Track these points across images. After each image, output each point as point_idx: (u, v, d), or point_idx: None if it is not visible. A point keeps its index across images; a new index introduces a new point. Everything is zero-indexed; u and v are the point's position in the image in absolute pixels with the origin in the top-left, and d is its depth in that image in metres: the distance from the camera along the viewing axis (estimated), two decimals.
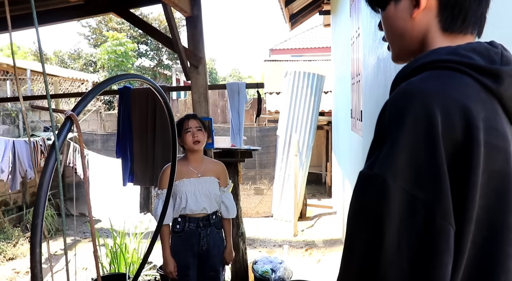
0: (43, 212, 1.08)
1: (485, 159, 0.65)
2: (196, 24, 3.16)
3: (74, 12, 3.24)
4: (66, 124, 1.15)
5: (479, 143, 0.64)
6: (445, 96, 0.67)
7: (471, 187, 0.65)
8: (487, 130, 0.66)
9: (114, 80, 1.32)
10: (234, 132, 3.44)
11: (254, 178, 9.17)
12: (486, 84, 0.70)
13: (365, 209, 0.69)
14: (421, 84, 0.70)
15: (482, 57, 0.72)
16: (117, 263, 4.01)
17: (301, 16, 7.92)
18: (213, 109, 11.01)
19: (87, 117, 8.98)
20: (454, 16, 0.77)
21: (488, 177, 0.66)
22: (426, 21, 0.79)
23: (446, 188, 0.64)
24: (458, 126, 0.65)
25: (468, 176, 0.65)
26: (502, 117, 0.71)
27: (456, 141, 0.65)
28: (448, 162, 0.64)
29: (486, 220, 0.67)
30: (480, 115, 0.66)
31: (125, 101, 3.47)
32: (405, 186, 0.65)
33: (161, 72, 18.57)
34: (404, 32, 0.83)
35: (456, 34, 0.79)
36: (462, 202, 0.65)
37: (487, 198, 0.67)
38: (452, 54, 0.72)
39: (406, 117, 0.67)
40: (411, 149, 0.65)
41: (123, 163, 3.55)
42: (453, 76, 0.70)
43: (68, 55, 17.94)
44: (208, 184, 2.71)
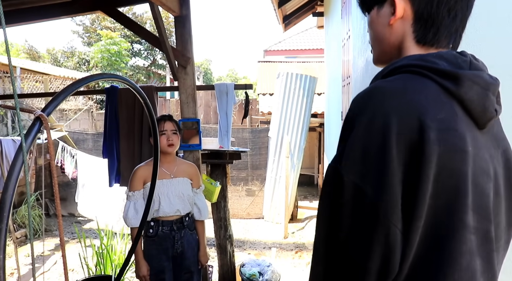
0: (8, 216, 1.04)
1: (440, 158, 0.67)
2: (184, 23, 3.12)
3: (60, 9, 3.18)
4: (35, 125, 1.11)
5: (432, 142, 0.66)
6: (402, 97, 0.70)
7: (421, 185, 0.66)
8: (444, 130, 0.68)
9: (89, 80, 1.28)
10: (222, 133, 3.40)
11: (246, 179, 9.14)
12: (446, 87, 0.72)
13: (326, 198, 0.77)
14: (383, 85, 0.74)
15: (449, 63, 0.75)
16: (103, 265, 3.95)
17: (294, 18, 7.89)
18: (206, 109, 10.96)
19: (78, 116, 8.90)
20: (426, 29, 0.81)
21: (444, 176, 0.68)
22: (402, 30, 0.83)
23: (392, 186, 0.66)
24: (413, 126, 0.67)
25: (419, 174, 0.66)
26: (462, 119, 0.72)
27: (411, 140, 0.67)
28: (404, 161, 0.67)
29: (442, 216, 0.69)
30: (437, 115, 0.68)
31: (111, 101, 3.42)
32: (356, 180, 0.69)
33: (155, 71, 18.48)
34: (383, 37, 0.87)
35: (428, 46, 0.82)
36: (413, 199, 0.67)
37: (444, 195, 0.68)
38: (419, 59, 0.76)
39: (363, 115, 0.71)
40: (364, 146, 0.69)
41: (110, 164, 3.49)
42: (415, 79, 0.74)
43: (61, 53, 17.81)
44: (181, 185, 2.68)
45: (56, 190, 1.12)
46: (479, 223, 0.72)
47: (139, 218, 2.58)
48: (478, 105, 0.73)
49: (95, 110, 9.61)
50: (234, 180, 8.77)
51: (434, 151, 0.66)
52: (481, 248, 0.72)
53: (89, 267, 3.92)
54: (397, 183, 0.66)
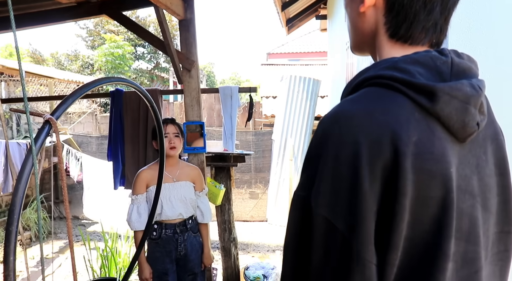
0: (18, 218, 1.05)
1: (417, 186, 0.62)
2: (189, 27, 3.14)
3: (66, 13, 3.21)
4: (44, 128, 1.13)
5: (407, 170, 0.61)
6: (372, 121, 0.63)
7: (397, 216, 0.61)
8: (420, 155, 0.62)
9: (97, 83, 1.29)
10: (226, 136, 3.41)
11: (249, 182, 9.14)
12: (421, 103, 0.64)
13: (293, 228, 0.69)
14: (350, 106, 0.66)
15: (427, 69, 0.67)
16: (108, 267, 3.96)
17: (297, 21, 7.90)
18: (209, 112, 10.98)
19: (82, 119, 8.94)
20: (398, 23, 0.73)
21: (422, 204, 0.63)
22: (374, 20, 0.75)
23: (366, 221, 0.61)
24: (385, 152, 0.61)
25: (393, 205, 0.61)
26: (440, 137, 0.65)
27: (385, 168, 0.61)
28: (378, 191, 0.61)
29: (420, 246, 0.64)
30: (411, 138, 0.62)
31: (116, 104, 3.45)
32: (327, 215, 0.63)
33: (158, 74, 18.52)
34: (356, 25, 0.80)
35: (402, 43, 0.74)
36: (388, 231, 0.62)
37: (422, 225, 0.63)
38: (390, 68, 0.68)
39: (330, 143, 0.64)
40: (333, 178, 0.63)
41: (114, 167, 3.51)
42: (385, 95, 0.66)
43: (65, 56, 17.89)
44: (184, 189, 2.68)
45: (65, 193, 1.13)
46: (458, 247, 0.67)
47: (142, 222, 2.60)
48: (457, 121, 0.66)
49: (99, 113, 9.65)
50: (238, 183, 8.76)
51: (410, 180, 0.61)
52: (459, 273, 0.68)
53: (93, 269, 3.93)
54: (371, 217, 0.61)
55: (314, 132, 0.70)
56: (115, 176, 3.49)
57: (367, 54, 0.84)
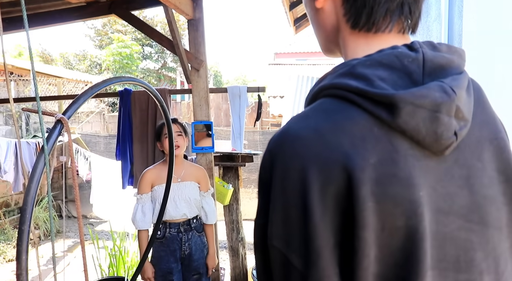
0: (31, 218, 1.06)
1: (380, 215, 0.53)
2: (197, 27, 3.14)
3: (75, 13, 3.23)
4: (56, 128, 1.13)
5: (364, 199, 0.52)
6: (320, 142, 0.54)
7: (356, 253, 0.53)
8: (380, 179, 0.53)
9: (108, 83, 1.30)
10: (234, 136, 3.41)
11: (256, 181, 9.13)
12: (380, 117, 0.55)
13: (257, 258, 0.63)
14: (297, 124, 0.57)
15: (392, 70, 0.57)
16: (116, 266, 3.98)
17: (305, 20, 7.86)
18: (217, 112, 11.00)
19: (90, 118, 8.99)
20: (357, 10, 0.63)
21: (388, 235, 0.54)
22: (334, 13, 0.67)
23: (323, 258, 0.53)
24: (338, 179, 0.52)
25: (353, 239, 0.53)
26: (406, 155, 0.55)
27: (339, 196, 0.53)
28: (333, 223, 0.53)
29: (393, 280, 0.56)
30: (368, 160, 0.53)
31: (125, 104, 3.46)
32: (281, 248, 0.56)
33: (166, 74, 18.58)
34: (317, 24, 0.72)
35: (365, 33, 0.64)
36: (351, 268, 0.54)
37: (392, 257, 0.55)
38: (346, 75, 0.59)
39: (276, 169, 0.56)
40: (283, 208, 0.56)
41: (123, 166, 3.53)
42: (338, 110, 0.56)
43: (74, 56, 18.01)
44: (188, 189, 2.67)
45: (76, 192, 1.13)
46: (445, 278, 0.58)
47: (146, 221, 2.62)
48: (427, 134, 0.55)
49: (107, 112, 9.70)
50: (245, 182, 8.77)
51: (369, 210, 0.52)
52: None
53: (102, 268, 3.95)
54: (328, 251, 0.53)
55: (265, 151, 0.62)
56: (124, 175, 3.50)
57: (338, 55, 0.75)
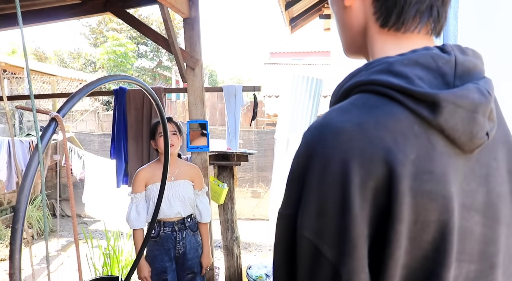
0: (24, 216, 1.05)
1: (414, 209, 0.55)
2: (193, 25, 3.13)
3: (70, 11, 3.21)
4: (50, 126, 1.12)
5: (403, 194, 0.54)
6: (363, 136, 0.55)
7: (390, 244, 0.55)
8: (418, 175, 0.55)
9: (102, 81, 1.29)
10: (230, 135, 3.40)
11: (251, 181, 9.14)
12: (422, 115, 0.56)
13: (279, 247, 0.64)
14: (338, 118, 0.58)
15: (428, 71, 0.59)
16: (110, 266, 3.96)
17: (301, 20, 7.89)
18: (212, 111, 10.98)
19: (85, 117, 8.94)
20: (388, 9, 0.64)
21: (420, 228, 0.56)
22: (362, 12, 0.68)
23: (357, 249, 0.54)
24: (379, 173, 0.54)
25: (388, 231, 0.55)
26: (442, 152, 0.57)
27: (378, 190, 0.54)
28: (370, 216, 0.55)
29: (419, 273, 0.58)
30: (408, 156, 0.55)
31: (120, 102, 3.44)
32: (312, 238, 0.57)
33: (161, 73, 18.53)
34: (343, 23, 0.73)
35: (394, 32, 0.66)
36: (383, 259, 0.55)
37: (420, 250, 0.57)
38: (384, 72, 0.59)
39: (315, 160, 0.57)
40: (319, 200, 0.56)
41: (118, 164, 3.51)
42: (379, 105, 0.58)
43: (68, 54, 17.90)
44: (182, 188, 2.67)
45: (71, 191, 1.12)
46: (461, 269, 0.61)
47: (140, 220, 2.62)
48: (463, 133, 0.57)
49: (101, 111, 9.66)
50: (240, 182, 8.77)
51: (406, 204, 0.54)
52: None
53: (95, 267, 3.93)
54: (362, 243, 0.54)
55: (299, 145, 0.62)
56: (118, 174, 3.49)
57: (361, 57, 0.76)
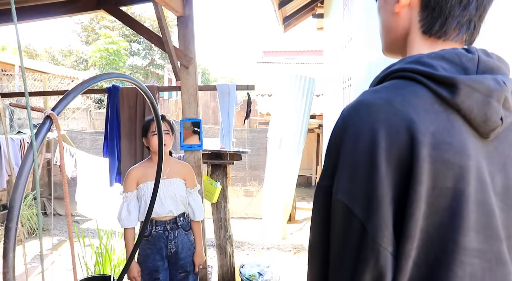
0: (18, 215, 1.04)
1: (433, 175, 0.62)
2: (187, 24, 3.12)
3: (63, 8, 3.18)
4: (45, 124, 1.11)
5: (423, 159, 0.62)
6: (390, 109, 0.65)
7: (411, 204, 0.62)
8: (437, 145, 0.63)
9: (98, 79, 1.28)
10: (223, 133, 3.40)
11: (244, 179, 9.14)
12: (442, 95, 0.65)
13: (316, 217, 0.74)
14: (370, 96, 0.68)
15: (452, 64, 0.68)
16: (102, 265, 3.94)
17: (294, 19, 7.90)
18: (205, 110, 10.96)
19: (76, 115, 8.87)
20: (433, 19, 0.73)
21: (438, 194, 0.63)
22: (408, 19, 0.77)
23: (382, 206, 0.62)
24: (402, 140, 0.63)
25: (409, 192, 0.62)
26: (461, 129, 0.65)
27: (401, 156, 0.63)
28: (394, 178, 0.63)
29: (436, 239, 0.64)
30: (428, 128, 0.63)
31: (113, 100, 3.42)
32: (345, 200, 0.65)
33: (153, 71, 18.44)
34: (389, 26, 0.82)
35: (435, 39, 0.75)
36: (404, 220, 0.63)
37: (437, 216, 0.63)
38: (414, 62, 0.69)
39: (349, 131, 0.67)
40: (351, 164, 0.65)
41: (111, 163, 3.49)
42: (406, 86, 0.68)
43: (59, 52, 17.74)
44: (174, 186, 2.67)
45: (65, 189, 1.12)
46: (485, 244, 0.65)
47: (131, 219, 2.61)
48: (478, 114, 0.65)
49: (93, 109, 9.59)
50: (232, 181, 8.76)
51: (425, 169, 0.62)
52: (491, 272, 0.65)
53: (87, 266, 3.91)
54: (387, 202, 0.62)
55: (336, 121, 0.72)
56: (111, 172, 3.47)
57: (398, 56, 0.84)
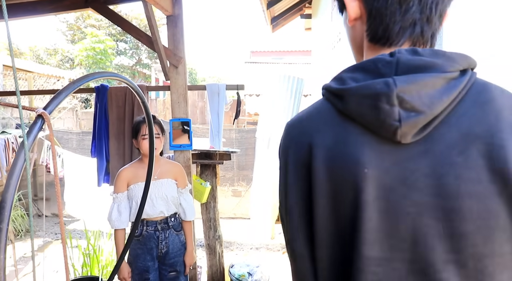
0: (9, 216, 1.02)
1: (331, 187, 0.67)
2: (177, 23, 3.10)
3: (50, 6, 3.13)
4: (37, 123, 1.09)
5: (319, 171, 0.68)
6: (299, 127, 0.74)
7: (316, 211, 0.68)
8: (332, 158, 0.68)
9: (90, 78, 1.26)
10: (213, 133, 3.39)
11: (232, 179, 9.12)
12: (337, 107, 0.70)
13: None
14: (295, 116, 0.77)
15: (367, 73, 0.68)
16: (90, 266, 3.90)
17: (282, 19, 7.93)
18: (192, 109, 10.91)
19: (62, 115, 8.76)
20: (376, 26, 0.73)
21: (339, 204, 0.67)
22: (360, 30, 0.78)
23: (291, 213, 0.72)
24: (305, 154, 0.70)
25: (313, 202, 0.69)
26: (357, 139, 0.67)
27: (306, 167, 0.70)
28: (303, 190, 0.71)
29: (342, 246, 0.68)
30: (325, 142, 0.69)
31: (101, 100, 3.38)
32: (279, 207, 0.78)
33: (140, 71, 18.30)
34: (350, 38, 0.84)
35: (380, 46, 0.74)
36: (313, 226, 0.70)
37: (342, 225, 0.67)
38: (333, 79, 0.73)
39: (280, 144, 0.78)
40: (279, 172, 0.76)
41: (99, 163, 3.45)
42: (318, 103, 0.75)
43: (44, 50, 17.48)
44: (165, 187, 2.66)
45: (58, 190, 1.10)
46: (391, 253, 0.64)
47: (122, 220, 2.60)
48: (372, 120, 0.65)
49: (79, 108, 9.48)
50: (221, 181, 8.74)
51: (324, 180, 0.67)
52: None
53: (75, 268, 3.86)
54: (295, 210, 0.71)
55: None
56: (99, 172, 3.44)
57: None
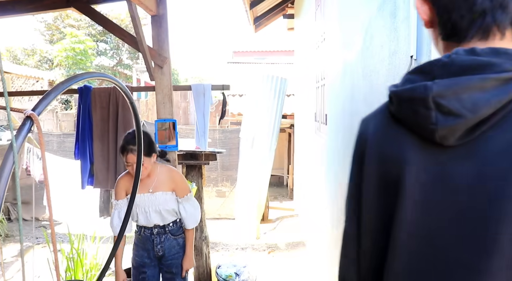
0: None
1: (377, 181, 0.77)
2: (161, 23, 3.08)
3: (30, 5, 3.06)
4: (25, 124, 1.07)
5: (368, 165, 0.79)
6: (364, 124, 0.84)
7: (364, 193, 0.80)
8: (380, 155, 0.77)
9: (79, 78, 1.24)
10: (199, 134, 3.38)
11: (216, 180, 9.11)
12: (390, 109, 0.77)
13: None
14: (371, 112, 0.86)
15: (422, 74, 0.70)
16: (74, 270, 3.83)
17: (265, 19, 7.94)
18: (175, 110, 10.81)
19: (42, 116, 8.60)
20: (445, 25, 0.73)
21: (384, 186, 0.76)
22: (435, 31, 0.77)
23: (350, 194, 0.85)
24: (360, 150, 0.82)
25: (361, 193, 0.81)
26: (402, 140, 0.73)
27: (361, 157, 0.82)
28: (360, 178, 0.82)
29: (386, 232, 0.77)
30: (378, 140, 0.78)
31: (85, 101, 3.33)
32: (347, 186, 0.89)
33: (121, 71, 18.05)
34: (434, 44, 0.82)
35: (452, 44, 0.73)
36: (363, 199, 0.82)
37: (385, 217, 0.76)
38: (401, 81, 0.76)
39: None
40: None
41: (82, 165, 3.40)
42: (383, 105, 0.82)
43: (21, 50, 17.10)
44: (159, 201, 2.60)
45: (48, 194, 1.08)
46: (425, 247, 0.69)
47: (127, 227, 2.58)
48: (413, 122, 0.70)
49: (59, 110, 9.31)
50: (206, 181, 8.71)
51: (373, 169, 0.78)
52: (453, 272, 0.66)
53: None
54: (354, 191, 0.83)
55: None
56: (83, 175, 3.38)
57: None
